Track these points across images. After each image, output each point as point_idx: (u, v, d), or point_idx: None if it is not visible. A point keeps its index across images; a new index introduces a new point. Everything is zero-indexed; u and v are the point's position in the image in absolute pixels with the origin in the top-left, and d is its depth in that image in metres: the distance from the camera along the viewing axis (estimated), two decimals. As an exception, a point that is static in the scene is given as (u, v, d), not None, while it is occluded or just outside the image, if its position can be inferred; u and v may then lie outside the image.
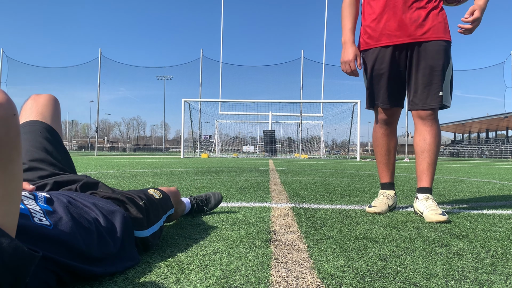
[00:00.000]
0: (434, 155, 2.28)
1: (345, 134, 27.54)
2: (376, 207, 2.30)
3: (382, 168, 2.51)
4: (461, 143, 59.02)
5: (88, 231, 1.01)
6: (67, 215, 0.99)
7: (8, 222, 0.75)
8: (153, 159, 14.70)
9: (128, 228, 1.19)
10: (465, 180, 5.18)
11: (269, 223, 1.90)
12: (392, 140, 2.48)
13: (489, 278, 1.10)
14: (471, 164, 13.13)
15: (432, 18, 2.23)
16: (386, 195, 2.41)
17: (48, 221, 0.93)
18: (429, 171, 2.27)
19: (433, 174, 2.29)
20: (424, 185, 2.26)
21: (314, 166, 9.46)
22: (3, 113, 0.70)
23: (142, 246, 1.29)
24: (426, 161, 2.27)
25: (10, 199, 0.75)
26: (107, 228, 1.09)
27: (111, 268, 1.04)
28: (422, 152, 2.28)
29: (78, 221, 1.01)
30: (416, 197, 2.25)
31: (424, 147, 2.28)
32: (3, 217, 0.73)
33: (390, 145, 2.48)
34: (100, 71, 24.90)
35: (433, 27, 2.22)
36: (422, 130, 2.30)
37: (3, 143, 0.70)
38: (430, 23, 2.22)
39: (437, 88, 2.23)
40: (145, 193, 1.41)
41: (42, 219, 0.92)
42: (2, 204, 0.73)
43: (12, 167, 0.74)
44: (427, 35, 2.22)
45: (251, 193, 3.21)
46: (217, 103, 27.36)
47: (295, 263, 1.22)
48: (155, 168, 7.40)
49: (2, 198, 0.73)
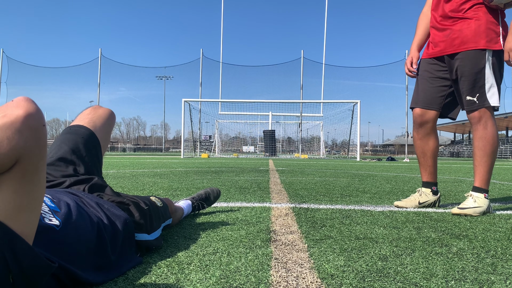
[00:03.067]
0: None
1: (345, 134, 27.57)
2: (402, 201, 2.56)
3: (420, 168, 2.67)
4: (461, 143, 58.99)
5: (91, 231, 1.01)
6: (73, 215, 0.99)
7: (28, 231, 0.74)
8: (153, 159, 14.70)
9: (130, 233, 1.19)
10: (465, 180, 5.18)
11: (269, 223, 1.90)
12: (427, 144, 2.60)
13: (489, 278, 1.10)
14: (471, 164, 13.13)
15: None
16: (420, 192, 2.60)
17: (58, 221, 0.92)
18: (475, 170, 2.43)
19: (479, 174, 2.40)
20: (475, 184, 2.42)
21: (314, 166, 9.46)
22: (35, 123, 0.70)
23: (146, 250, 1.30)
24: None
25: (33, 208, 0.74)
26: (109, 231, 1.09)
27: (108, 275, 1.03)
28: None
29: (82, 221, 1.01)
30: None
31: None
32: (24, 226, 0.73)
33: (425, 148, 2.61)
34: (100, 71, 24.90)
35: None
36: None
37: (33, 154, 0.70)
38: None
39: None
40: (149, 199, 1.43)
41: (52, 219, 0.91)
42: (24, 213, 0.73)
43: (38, 177, 0.74)
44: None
45: (251, 193, 3.21)
46: (217, 103, 27.35)
47: (295, 263, 1.22)
48: (155, 168, 7.40)
49: (25, 207, 0.72)
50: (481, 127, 2.36)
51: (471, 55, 2.33)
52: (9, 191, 0.69)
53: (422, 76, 2.58)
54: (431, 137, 2.59)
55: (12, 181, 0.69)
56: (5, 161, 0.66)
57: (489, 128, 2.35)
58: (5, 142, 0.65)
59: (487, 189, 2.37)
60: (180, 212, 1.88)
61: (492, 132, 2.35)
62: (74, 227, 0.96)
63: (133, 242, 1.22)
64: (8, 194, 0.69)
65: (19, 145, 0.67)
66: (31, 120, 0.69)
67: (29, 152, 0.69)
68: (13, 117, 0.67)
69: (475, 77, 2.32)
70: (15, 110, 0.68)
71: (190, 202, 2.05)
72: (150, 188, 3.49)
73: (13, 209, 0.70)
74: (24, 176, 0.70)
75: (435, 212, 2.36)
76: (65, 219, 0.95)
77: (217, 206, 2.46)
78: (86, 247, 0.97)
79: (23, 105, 0.70)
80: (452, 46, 2.40)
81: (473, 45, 2.32)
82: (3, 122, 0.66)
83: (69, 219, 0.96)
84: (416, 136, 2.64)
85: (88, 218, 1.04)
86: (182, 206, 1.94)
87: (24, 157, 0.69)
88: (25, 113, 0.69)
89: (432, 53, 2.53)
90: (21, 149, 0.68)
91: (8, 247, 0.68)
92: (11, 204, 0.70)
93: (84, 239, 0.98)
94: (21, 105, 0.69)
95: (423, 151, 2.61)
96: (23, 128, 0.68)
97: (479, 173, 2.38)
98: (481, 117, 2.35)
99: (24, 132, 0.68)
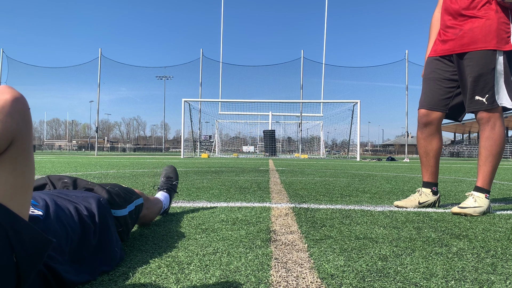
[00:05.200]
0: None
1: (345, 134, 27.54)
2: (402, 201, 2.56)
3: (421, 167, 2.68)
4: (461, 143, 58.98)
5: (72, 219, 1.04)
6: (51, 206, 1.02)
7: (24, 211, 0.78)
8: (153, 159, 14.70)
9: (106, 210, 1.23)
10: (465, 180, 5.18)
11: (269, 223, 1.90)
12: (431, 144, 2.60)
13: (489, 278, 1.10)
14: (471, 164, 13.13)
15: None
16: (420, 192, 2.60)
17: (40, 211, 0.95)
18: (478, 170, 2.42)
19: (482, 174, 2.40)
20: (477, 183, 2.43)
21: (314, 166, 9.46)
22: (22, 107, 0.74)
23: (124, 225, 1.33)
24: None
25: (26, 188, 0.78)
26: (87, 214, 1.12)
27: (88, 273, 1.03)
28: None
29: (62, 212, 1.04)
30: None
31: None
32: (20, 206, 0.76)
33: (428, 148, 2.61)
34: (100, 71, 24.89)
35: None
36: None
37: (24, 136, 0.74)
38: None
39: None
40: (112, 183, 1.47)
41: (34, 210, 0.94)
42: (20, 194, 0.76)
43: (29, 159, 0.77)
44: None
45: (251, 193, 3.21)
46: (217, 103, 27.34)
47: (295, 263, 1.22)
48: (155, 168, 7.39)
49: (20, 188, 0.76)
50: (489, 127, 2.35)
51: (481, 55, 2.31)
52: (5, 172, 0.72)
53: (429, 77, 2.58)
54: (435, 138, 2.59)
55: (7, 163, 0.72)
56: (1, 142, 0.70)
57: (497, 129, 2.34)
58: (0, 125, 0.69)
59: (488, 189, 2.36)
60: (156, 201, 1.91)
61: (500, 133, 2.34)
62: (57, 216, 0.99)
63: (112, 219, 1.25)
64: (5, 175, 0.73)
65: (12, 127, 0.71)
66: (19, 104, 0.73)
67: (21, 135, 0.73)
68: (2, 102, 0.71)
69: (485, 77, 2.31)
70: (2, 95, 0.72)
71: (161, 192, 2.08)
72: (150, 188, 3.49)
73: (10, 189, 0.74)
74: (17, 158, 0.74)
75: (435, 212, 2.36)
76: (46, 211, 0.98)
77: (217, 206, 2.46)
78: (73, 234, 1.00)
79: (8, 91, 0.73)
80: (461, 46, 2.38)
81: (483, 45, 2.30)
82: None
83: (49, 209, 1.00)
84: (420, 135, 2.64)
85: (66, 207, 1.07)
86: (160, 198, 1.99)
87: (17, 139, 0.73)
88: (12, 97, 0.73)
89: (441, 51, 2.51)
90: (14, 131, 0.71)
91: (10, 226, 0.69)
92: (8, 185, 0.73)
93: (70, 226, 1.01)
94: (6, 91, 0.73)
95: (426, 151, 2.62)
96: (13, 111, 0.72)
97: (482, 173, 2.38)
98: (490, 117, 2.34)
99: (14, 115, 0.72)
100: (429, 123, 2.57)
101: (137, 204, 1.49)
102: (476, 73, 2.33)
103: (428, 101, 2.56)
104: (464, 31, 2.37)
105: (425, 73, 2.62)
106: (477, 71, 2.32)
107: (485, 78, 2.32)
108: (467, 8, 2.37)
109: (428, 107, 2.55)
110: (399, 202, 2.57)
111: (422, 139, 2.62)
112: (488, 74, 2.31)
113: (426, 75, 2.61)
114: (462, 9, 2.38)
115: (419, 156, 2.68)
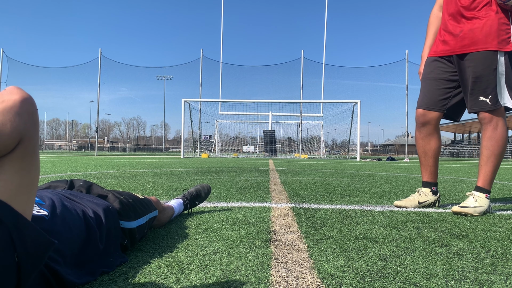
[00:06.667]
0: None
1: (345, 134, 27.52)
2: (402, 201, 2.56)
3: (421, 167, 2.68)
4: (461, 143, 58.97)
5: (79, 221, 1.04)
6: (58, 206, 1.02)
7: (27, 211, 0.78)
8: (153, 159, 14.70)
9: (114, 220, 1.22)
10: (465, 180, 5.18)
11: (269, 223, 1.90)
12: (429, 144, 2.60)
13: (489, 278, 1.10)
14: (471, 164, 13.13)
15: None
16: (420, 192, 2.61)
17: (45, 211, 0.95)
18: (479, 170, 2.43)
19: (483, 174, 2.40)
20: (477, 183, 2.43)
21: (314, 166, 9.46)
22: (30, 107, 0.76)
23: (130, 238, 1.31)
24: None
25: (31, 188, 0.79)
26: (95, 220, 1.11)
27: (96, 269, 1.04)
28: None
29: (68, 213, 1.03)
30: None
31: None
32: (24, 206, 0.77)
33: (427, 147, 2.61)
34: (100, 71, 24.89)
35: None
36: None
37: (31, 135, 0.76)
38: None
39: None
40: (129, 192, 1.46)
41: (40, 210, 0.94)
42: (25, 193, 0.77)
43: (35, 159, 0.79)
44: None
45: (251, 193, 3.21)
46: (217, 103, 27.33)
47: (295, 263, 1.22)
48: (155, 168, 7.40)
49: (25, 187, 0.77)
50: (492, 127, 2.35)
51: (482, 56, 2.31)
52: (11, 171, 0.74)
53: (428, 77, 2.58)
54: (433, 137, 2.59)
55: (14, 162, 0.74)
56: (10, 141, 0.71)
57: (499, 129, 2.34)
58: (9, 124, 0.71)
59: (489, 189, 2.36)
60: (170, 210, 1.88)
61: (502, 133, 2.34)
62: (62, 217, 0.99)
63: (118, 230, 1.24)
64: (11, 174, 0.74)
65: (20, 127, 0.73)
66: (27, 104, 0.75)
67: (29, 134, 0.75)
68: (11, 102, 0.73)
69: (487, 78, 2.31)
70: (11, 96, 0.74)
71: (182, 200, 2.06)
72: (150, 188, 3.49)
73: (16, 189, 0.75)
74: (24, 157, 0.75)
75: (435, 212, 2.36)
76: (52, 210, 0.98)
77: (217, 206, 2.46)
78: (77, 237, 1.00)
79: (16, 91, 0.75)
80: (462, 47, 2.38)
81: (484, 46, 2.30)
82: (3, 107, 0.72)
83: (55, 210, 0.99)
84: (418, 135, 2.64)
85: (73, 209, 1.07)
86: (173, 205, 1.96)
87: (25, 139, 0.74)
88: (21, 98, 0.75)
89: (441, 51, 2.51)
90: (22, 130, 0.73)
91: (14, 225, 0.70)
92: (14, 184, 0.74)
93: (75, 229, 1.00)
94: (15, 92, 0.75)
95: (424, 150, 2.62)
96: (22, 111, 0.74)
97: (483, 173, 2.38)
98: (493, 117, 2.35)
99: (23, 115, 0.74)
100: (427, 123, 2.57)
101: (150, 218, 1.48)
102: (478, 74, 2.33)
103: (426, 101, 2.56)
104: (465, 32, 2.37)
105: (424, 73, 2.62)
106: (479, 72, 2.32)
107: (487, 79, 2.32)
108: (468, 8, 2.37)
109: (426, 107, 2.56)
110: (399, 201, 2.57)
111: (420, 139, 2.62)
112: (490, 75, 2.31)
113: (425, 75, 2.61)
114: (462, 10, 2.39)
115: (418, 156, 2.69)
